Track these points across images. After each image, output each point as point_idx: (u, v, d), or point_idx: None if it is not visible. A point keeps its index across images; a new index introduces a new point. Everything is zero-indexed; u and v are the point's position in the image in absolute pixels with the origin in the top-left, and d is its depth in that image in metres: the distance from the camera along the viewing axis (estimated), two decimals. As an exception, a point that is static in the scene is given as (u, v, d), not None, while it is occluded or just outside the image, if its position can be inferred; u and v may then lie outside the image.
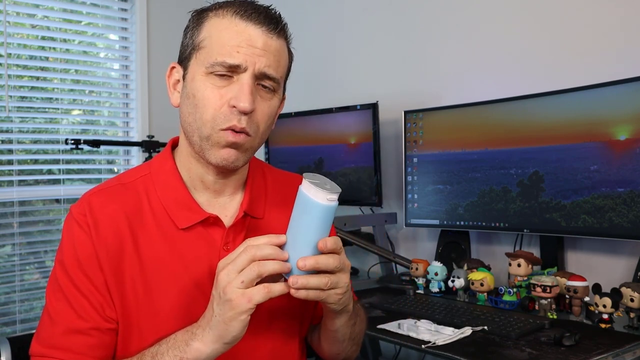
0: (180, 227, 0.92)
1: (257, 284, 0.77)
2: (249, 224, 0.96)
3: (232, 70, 0.86)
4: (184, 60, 0.92)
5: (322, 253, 0.79)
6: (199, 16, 0.91)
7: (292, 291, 0.78)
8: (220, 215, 0.94)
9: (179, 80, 0.94)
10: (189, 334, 0.82)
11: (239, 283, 0.76)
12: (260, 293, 0.77)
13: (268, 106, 0.90)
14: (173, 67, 0.95)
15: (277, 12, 0.91)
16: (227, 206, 0.97)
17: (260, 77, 0.87)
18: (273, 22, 0.88)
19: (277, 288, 0.78)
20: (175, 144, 1.00)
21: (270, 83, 0.89)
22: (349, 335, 0.99)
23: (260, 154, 2.58)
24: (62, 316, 0.87)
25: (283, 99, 0.98)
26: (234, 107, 0.85)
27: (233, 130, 0.86)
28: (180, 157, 0.96)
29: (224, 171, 0.93)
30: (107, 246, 0.89)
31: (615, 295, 1.33)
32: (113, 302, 0.89)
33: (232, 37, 0.86)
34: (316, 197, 0.77)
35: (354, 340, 1.03)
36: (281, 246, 0.80)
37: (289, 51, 0.95)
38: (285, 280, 0.80)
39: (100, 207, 0.91)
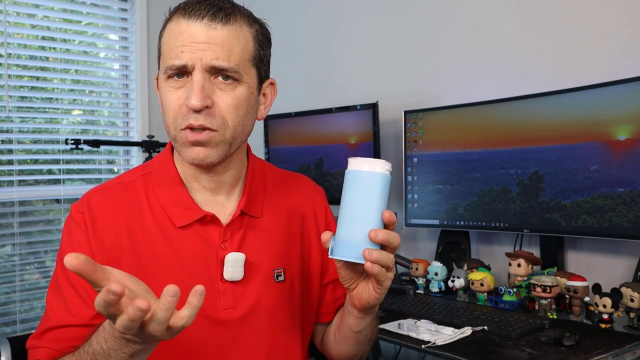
0: (178, 225, 0.92)
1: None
2: (247, 223, 0.96)
3: (183, 71, 0.86)
4: (158, 69, 0.93)
5: (386, 227, 0.78)
6: (163, 25, 0.91)
7: (368, 265, 0.76)
8: (219, 214, 0.94)
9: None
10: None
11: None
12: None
13: (231, 97, 0.87)
14: (156, 78, 0.95)
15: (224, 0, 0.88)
16: (225, 204, 0.97)
17: (212, 71, 0.85)
18: (213, 11, 0.85)
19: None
20: None
21: (226, 74, 0.86)
22: (369, 336, 1.00)
23: (260, 154, 2.57)
24: (55, 312, 0.89)
25: (271, 83, 0.97)
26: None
27: (190, 128, 0.85)
28: (178, 157, 0.97)
29: (207, 169, 0.93)
30: (104, 244, 0.90)
31: (615, 295, 1.33)
32: None
33: (176, 39, 0.85)
34: (375, 169, 0.77)
35: (370, 342, 1.03)
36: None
37: (259, 31, 0.91)
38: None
39: (99, 206, 0.93)
